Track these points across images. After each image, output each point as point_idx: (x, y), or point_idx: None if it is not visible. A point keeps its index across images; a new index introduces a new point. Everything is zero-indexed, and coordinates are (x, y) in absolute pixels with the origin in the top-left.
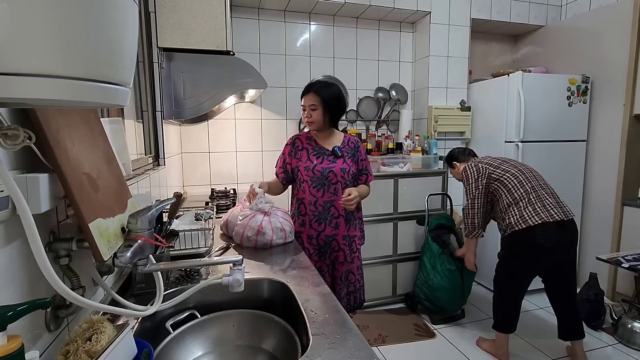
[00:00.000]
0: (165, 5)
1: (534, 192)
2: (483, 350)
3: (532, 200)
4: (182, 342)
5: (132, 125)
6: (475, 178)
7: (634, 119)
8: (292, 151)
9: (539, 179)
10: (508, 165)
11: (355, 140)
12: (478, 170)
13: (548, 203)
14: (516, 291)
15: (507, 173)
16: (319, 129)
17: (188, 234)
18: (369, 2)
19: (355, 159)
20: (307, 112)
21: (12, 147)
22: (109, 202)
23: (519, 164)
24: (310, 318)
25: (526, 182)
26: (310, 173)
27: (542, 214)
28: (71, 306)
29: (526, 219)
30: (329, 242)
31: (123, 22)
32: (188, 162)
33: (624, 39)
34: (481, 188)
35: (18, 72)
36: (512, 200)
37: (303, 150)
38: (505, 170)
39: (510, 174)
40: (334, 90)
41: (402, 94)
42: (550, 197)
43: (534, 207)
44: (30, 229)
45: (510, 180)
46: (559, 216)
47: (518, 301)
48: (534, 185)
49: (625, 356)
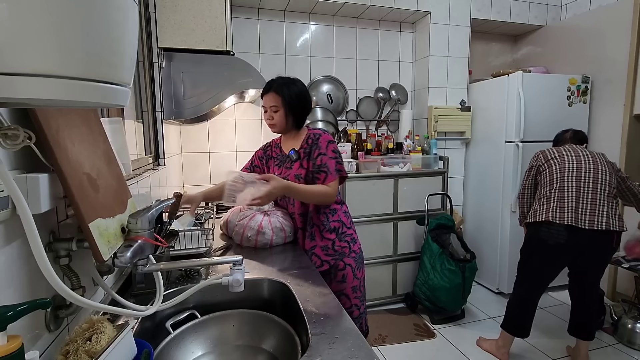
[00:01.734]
0: (165, 5)
1: (560, 192)
2: (483, 350)
3: (552, 198)
4: (182, 342)
5: (132, 125)
6: (529, 167)
7: (634, 119)
8: (262, 157)
9: (587, 180)
10: (560, 160)
11: (316, 134)
12: (536, 159)
13: (570, 206)
14: (528, 287)
15: (549, 168)
16: (283, 132)
17: (188, 234)
18: (369, 2)
19: (312, 157)
20: (268, 113)
21: (12, 147)
22: (109, 202)
23: (579, 161)
24: (310, 318)
25: (558, 180)
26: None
27: (550, 212)
28: (71, 306)
29: (536, 215)
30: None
31: (123, 22)
32: (188, 162)
33: (624, 39)
34: (530, 179)
35: (18, 72)
36: (538, 195)
37: (270, 159)
38: (550, 164)
39: (552, 169)
40: (296, 89)
41: (402, 94)
42: (581, 202)
43: (550, 205)
44: (30, 229)
45: (546, 176)
46: (573, 221)
47: (529, 300)
48: (567, 186)
49: (625, 356)
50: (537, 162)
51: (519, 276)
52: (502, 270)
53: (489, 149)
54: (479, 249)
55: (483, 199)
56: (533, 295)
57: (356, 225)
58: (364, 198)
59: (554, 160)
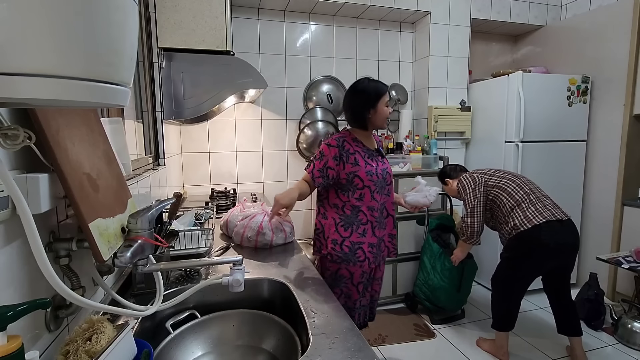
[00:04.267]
0: (165, 5)
1: (533, 194)
2: (483, 350)
3: (533, 200)
4: (182, 342)
5: (132, 125)
6: (472, 187)
7: (634, 119)
8: (340, 155)
9: (533, 183)
10: (502, 173)
11: (378, 137)
12: (474, 180)
13: (547, 203)
14: (518, 292)
15: (503, 179)
16: None
17: (188, 234)
18: (369, 2)
19: None
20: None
21: (12, 147)
22: (109, 202)
23: (511, 172)
24: (310, 318)
25: (524, 185)
26: (375, 177)
27: (544, 213)
28: (71, 306)
29: (530, 219)
30: (380, 244)
31: (123, 22)
32: (188, 162)
33: (624, 39)
34: (479, 196)
35: (18, 72)
36: (515, 202)
37: (355, 154)
38: (501, 176)
39: (507, 179)
40: None
41: (402, 94)
42: (547, 199)
43: (536, 207)
44: (30, 229)
45: (508, 184)
46: (559, 215)
47: (519, 301)
48: (531, 188)
49: (625, 356)
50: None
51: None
52: None
53: (489, 149)
54: (479, 249)
55: None
56: (520, 297)
57: None
58: None
59: (497, 173)
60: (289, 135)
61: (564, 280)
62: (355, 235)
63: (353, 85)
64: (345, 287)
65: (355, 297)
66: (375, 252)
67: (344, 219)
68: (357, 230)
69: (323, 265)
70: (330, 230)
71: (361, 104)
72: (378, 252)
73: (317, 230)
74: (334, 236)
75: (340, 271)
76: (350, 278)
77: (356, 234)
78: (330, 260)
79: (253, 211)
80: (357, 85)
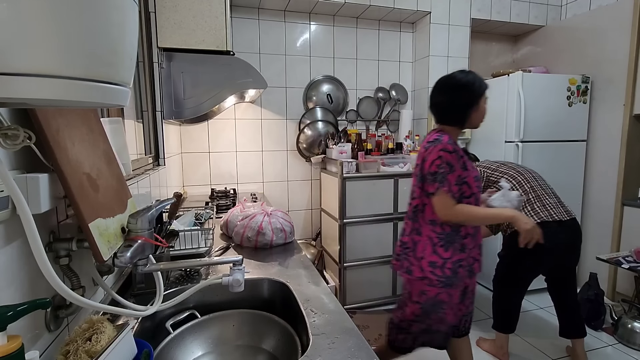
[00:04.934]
0: (165, 5)
1: (533, 192)
2: (483, 351)
3: (531, 200)
4: (182, 342)
5: (132, 125)
6: None
7: (634, 119)
8: (459, 160)
9: (539, 179)
10: (506, 168)
11: None
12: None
13: (547, 203)
14: (517, 292)
15: (505, 175)
16: None
17: (188, 234)
18: (369, 2)
19: None
20: None
21: (12, 147)
22: (109, 202)
23: (517, 166)
24: (310, 318)
25: (525, 183)
26: (479, 183)
27: (541, 213)
28: (71, 306)
29: None
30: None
31: (123, 22)
32: (188, 162)
33: (624, 39)
34: None
35: (18, 72)
36: None
37: (464, 157)
38: (503, 172)
39: (509, 175)
40: None
41: (402, 94)
42: (550, 198)
43: (533, 207)
44: (30, 229)
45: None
46: (558, 216)
47: (519, 301)
48: (533, 186)
49: (625, 356)
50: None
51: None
52: None
53: (489, 149)
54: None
55: None
56: (520, 298)
57: (356, 225)
58: (364, 198)
59: (502, 168)
60: (289, 135)
61: (566, 281)
62: (455, 255)
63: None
64: (443, 312)
65: (449, 320)
66: (468, 266)
67: (444, 238)
68: (457, 248)
69: (414, 287)
70: (425, 250)
71: (465, 99)
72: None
73: (406, 248)
74: (431, 258)
75: (440, 296)
76: (449, 302)
77: (457, 252)
78: (428, 284)
79: (253, 211)
80: (461, 79)
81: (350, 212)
